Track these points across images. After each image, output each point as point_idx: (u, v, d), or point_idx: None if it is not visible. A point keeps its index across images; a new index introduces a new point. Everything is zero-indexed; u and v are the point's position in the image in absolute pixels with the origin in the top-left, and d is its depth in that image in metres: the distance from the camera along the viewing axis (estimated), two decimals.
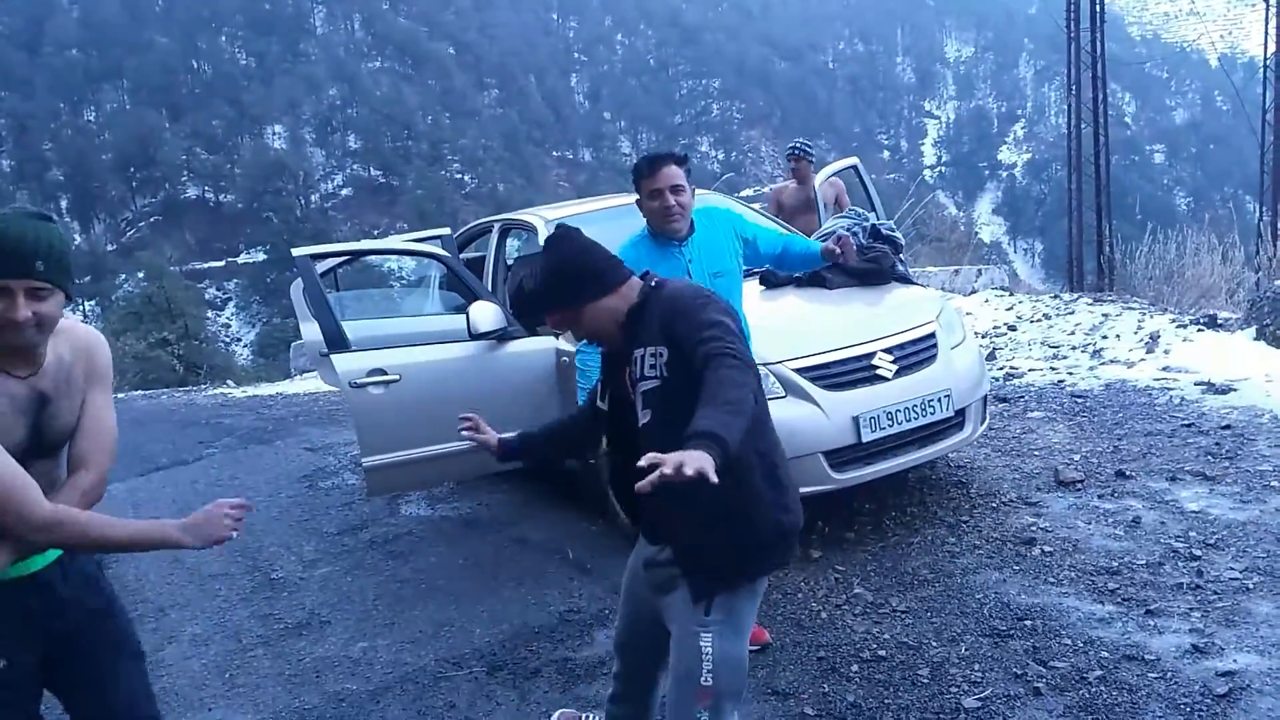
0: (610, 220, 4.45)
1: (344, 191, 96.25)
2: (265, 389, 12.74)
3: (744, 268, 3.59)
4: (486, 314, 4.40)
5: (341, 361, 4.26)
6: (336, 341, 4.30)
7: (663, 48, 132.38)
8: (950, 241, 11.79)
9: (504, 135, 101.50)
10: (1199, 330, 6.84)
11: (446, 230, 5.54)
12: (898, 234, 4.93)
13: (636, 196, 3.34)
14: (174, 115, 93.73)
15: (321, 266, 5.43)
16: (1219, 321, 7.00)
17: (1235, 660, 2.97)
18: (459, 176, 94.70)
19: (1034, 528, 4.08)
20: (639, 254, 3.19)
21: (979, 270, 9.44)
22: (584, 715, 2.94)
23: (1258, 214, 10.93)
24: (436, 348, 4.47)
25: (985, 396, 4.52)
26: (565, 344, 4.34)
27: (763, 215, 5.61)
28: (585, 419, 2.51)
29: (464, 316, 4.46)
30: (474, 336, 4.39)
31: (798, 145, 7.11)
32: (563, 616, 3.84)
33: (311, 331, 5.08)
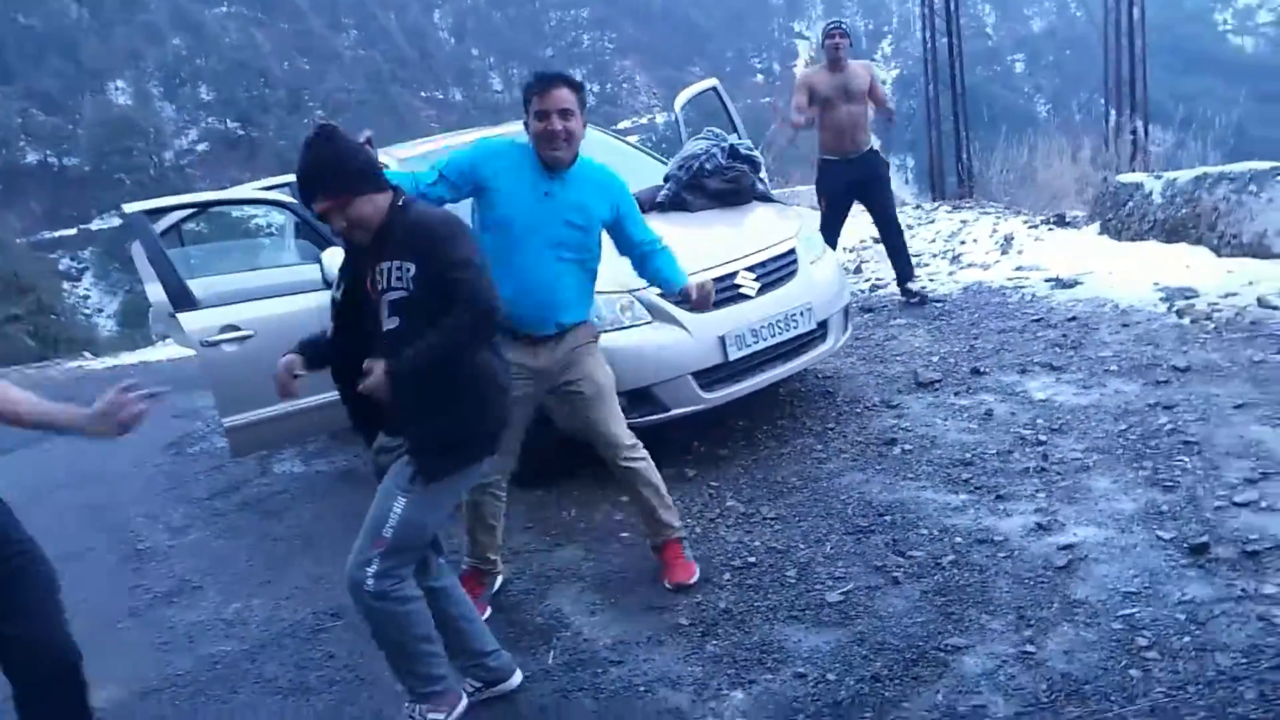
0: None
1: (200, 147, 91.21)
2: (127, 358, 12.17)
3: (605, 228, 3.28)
4: (339, 259, 4.25)
5: (190, 320, 4.08)
6: (182, 300, 4.12)
7: None
8: (815, 161, 11.92)
9: (367, 77, 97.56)
10: (1049, 229, 7.17)
11: (293, 176, 5.31)
12: (756, 154, 4.96)
13: (523, 120, 3.12)
14: (3, 76, 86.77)
15: (163, 224, 5.17)
16: (1067, 220, 7.34)
17: (1075, 534, 3.17)
18: (324, 120, 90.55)
19: (895, 429, 4.25)
20: (505, 160, 3.06)
21: None
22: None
23: (1108, 114, 11.40)
24: (291, 299, 4.32)
25: (846, 308, 4.65)
26: None
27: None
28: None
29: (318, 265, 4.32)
30: (328, 284, 4.25)
31: (835, 23, 6.35)
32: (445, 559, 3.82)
33: (157, 292, 4.84)
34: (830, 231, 6.15)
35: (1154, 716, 2.30)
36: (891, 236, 6.29)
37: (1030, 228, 7.30)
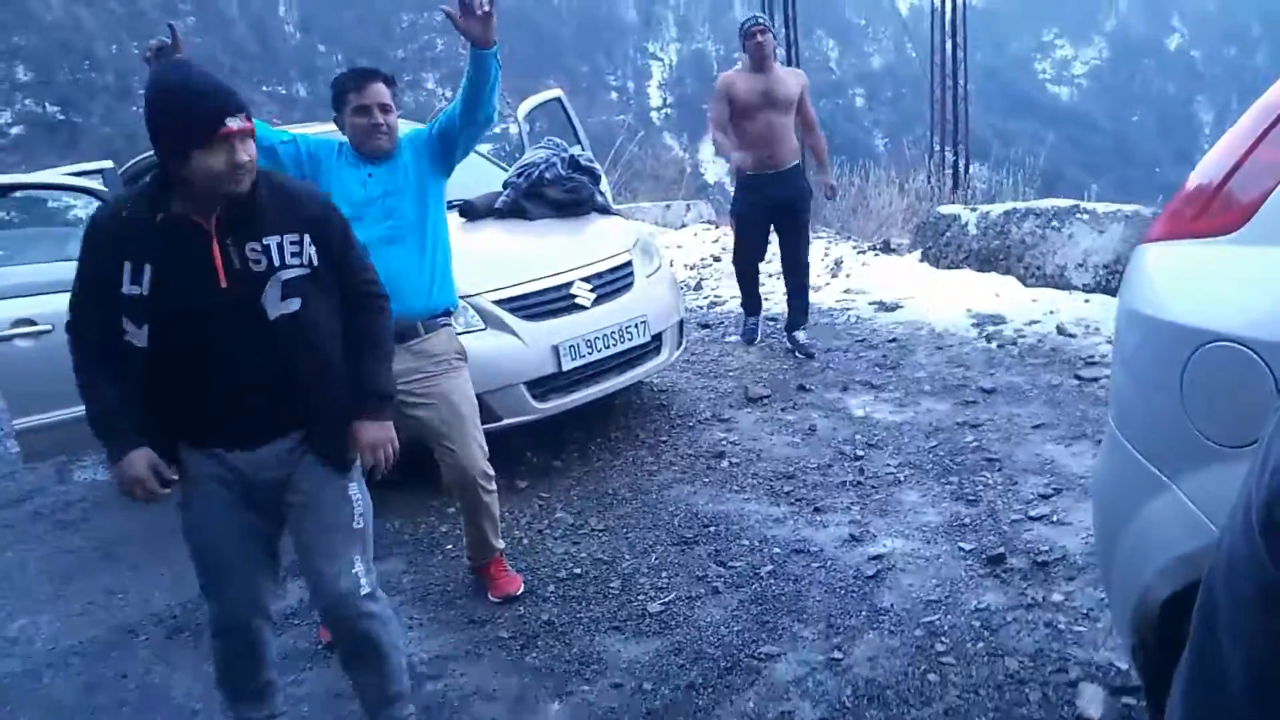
0: None
1: (15, 130, 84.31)
2: None
3: (442, 175, 3.19)
4: None
5: None
6: None
7: None
8: (665, 178, 12.19)
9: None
10: (875, 255, 7.53)
11: (109, 164, 4.99)
12: (596, 165, 5.00)
13: (335, 116, 3.05)
14: None
15: None
16: (892, 247, 7.73)
17: (885, 545, 3.33)
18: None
19: (724, 442, 4.35)
20: (335, 162, 3.00)
21: (688, 205, 9.85)
22: None
23: (933, 150, 12.13)
24: None
25: (681, 322, 4.73)
26: None
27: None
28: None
29: None
30: None
31: (755, 18, 5.45)
32: None
33: None
34: (745, 257, 5.61)
35: (947, 718, 2.43)
36: (794, 275, 5.56)
37: (859, 253, 7.66)
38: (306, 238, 2.06)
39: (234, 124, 1.88)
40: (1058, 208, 6.27)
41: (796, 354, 5.49)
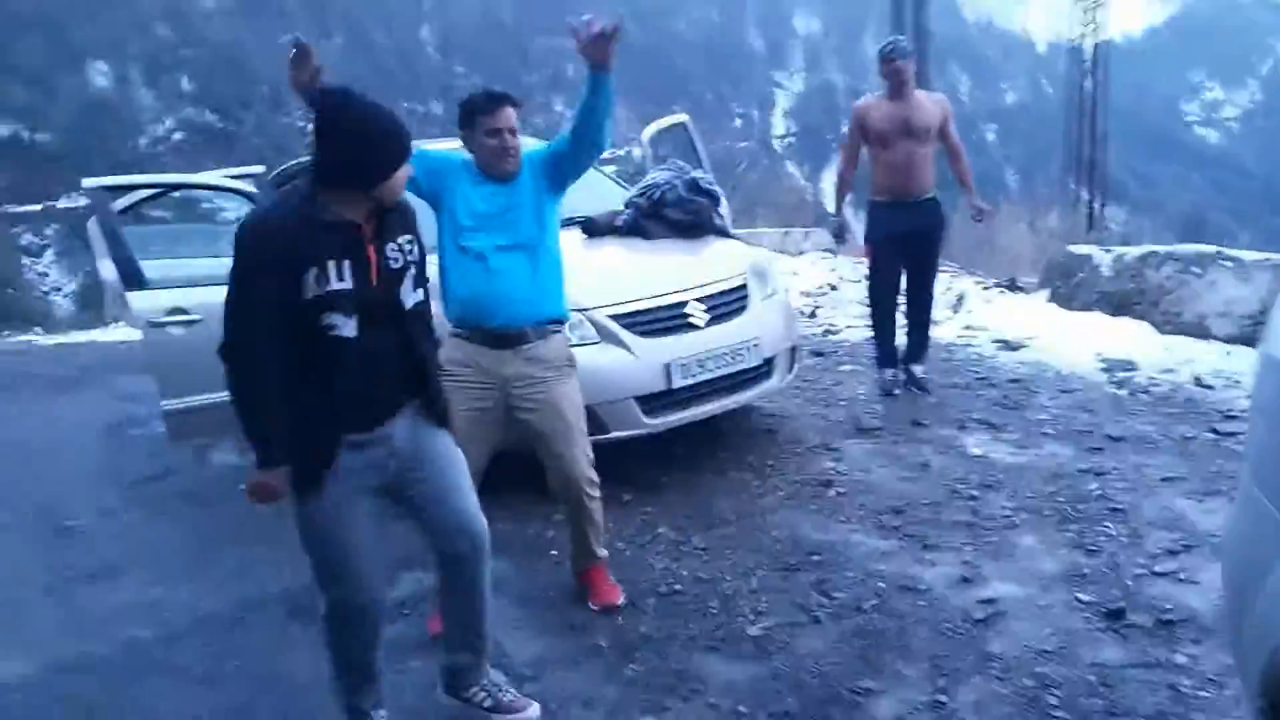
0: None
1: (176, 135, 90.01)
2: (77, 336, 11.96)
3: (557, 194, 3.23)
4: None
5: (138, 300, 4.05)
6: (132, 278, 4.09)
7: (518, 4, 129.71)
8: (785, 205, 12.16)
9: (351, 83, 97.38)
10: (1000, 293, 7.33)
11: (261, 168, 5.32)
12: (717, 188, 5.04)
13: (462, 133, 3.14)
14: None
15: (124, 202, 5.11)
16: (1019, 285, 7.52)
17: (996, 589, 3.23)
18: (302, 124, 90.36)
19: (832, 471, 4.31)
20: (460, 178, 3.10)
21: (807, 232, 9.80)
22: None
23: (1068, 190, 11.74)
24: None
25: (794, 347, 4.72)
26: None
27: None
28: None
29: None
30: None
31: (893, 43, 5.21)
32: None
33: (109, 270, 4.78)
34: (881, 286, 5.38)
35: None
36: (916, 309, 5.39)
37: (983, 289, 7.47)
38: (415, 237, 2.32)
39: (411, 164, 2.24)
40: (1200, 253, 5.99)
41: (911, 388, 5.36)
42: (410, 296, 2.29)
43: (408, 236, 2.29)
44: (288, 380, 2.20)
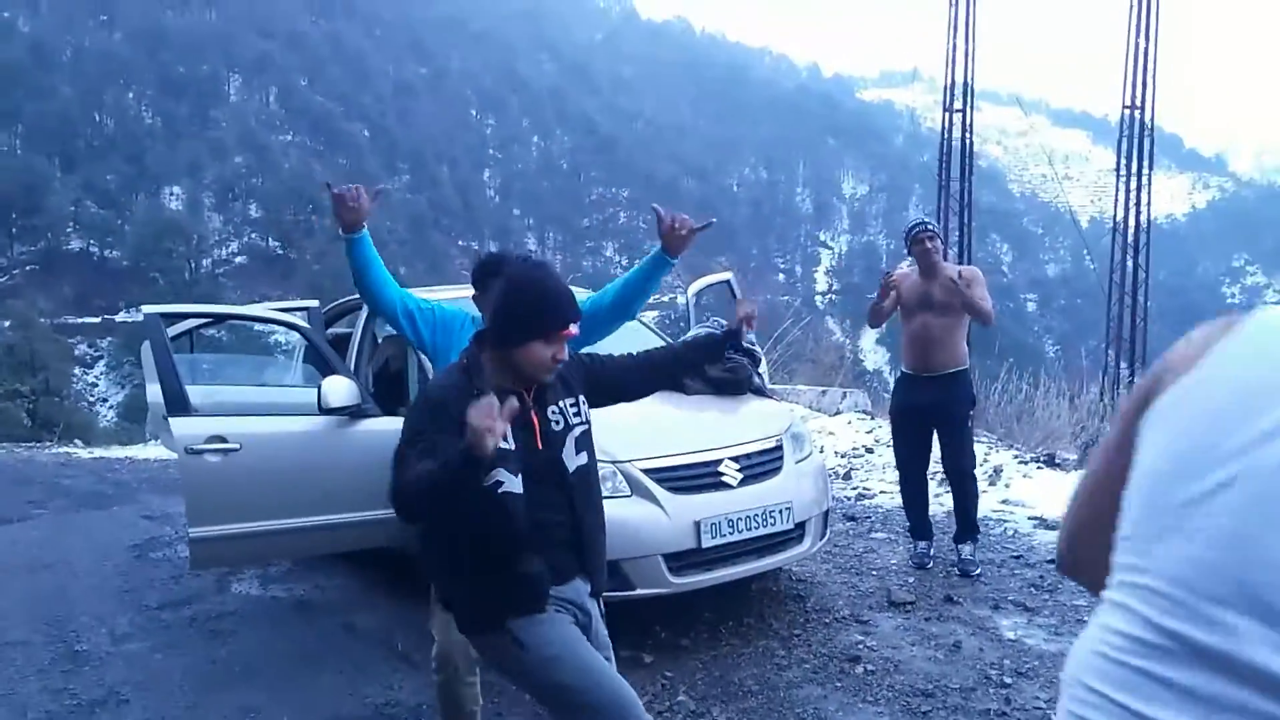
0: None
1: (239, 259, 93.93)
2: (116, 451, 12.11)
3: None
4: (339, 389, 4.32)
5: (180, 425, 4.11)
6: (177, 404, 4.16)
7: (576, 153, 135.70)
8: (824, 363, 12.23)
9: (411, 219, 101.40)
10: (1038, 467, 7.22)
11: (315, 303, 5.49)
12: (757, 348, 5.10)
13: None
14: (67, 165, 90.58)
15: (179, 328, 5.29)
16: (1057, 460, 7.40)
17: None
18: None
19: (861, 645, 4.16)
20: (457, 333, 3.10)
21: (844, 393, 9.81)
22: None
23: (1108, 365, 11.71)
24: (283, 419, 4.37)
25: (826, 512, 4.65)
26: None
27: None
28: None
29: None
30: (324, 411, 4.30)
31: (922, 224, 5.25)
32: (379, 710, 3.69)
33: (156, 393, 4.90)
34: (903, 457, 5.37)
35: None
36: (953, 484, 5.32)
37: (1020, 463, 7.36)
38: (581, 399, 2.37)
39: (573, 328, 2.24)
40: None
41: (956, 567, 5.17)
42: (573, 459, 2.30)
43: (570, 400, 2.34)
44: (459, 547, 2.24)
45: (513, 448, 2.16)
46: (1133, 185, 17.16)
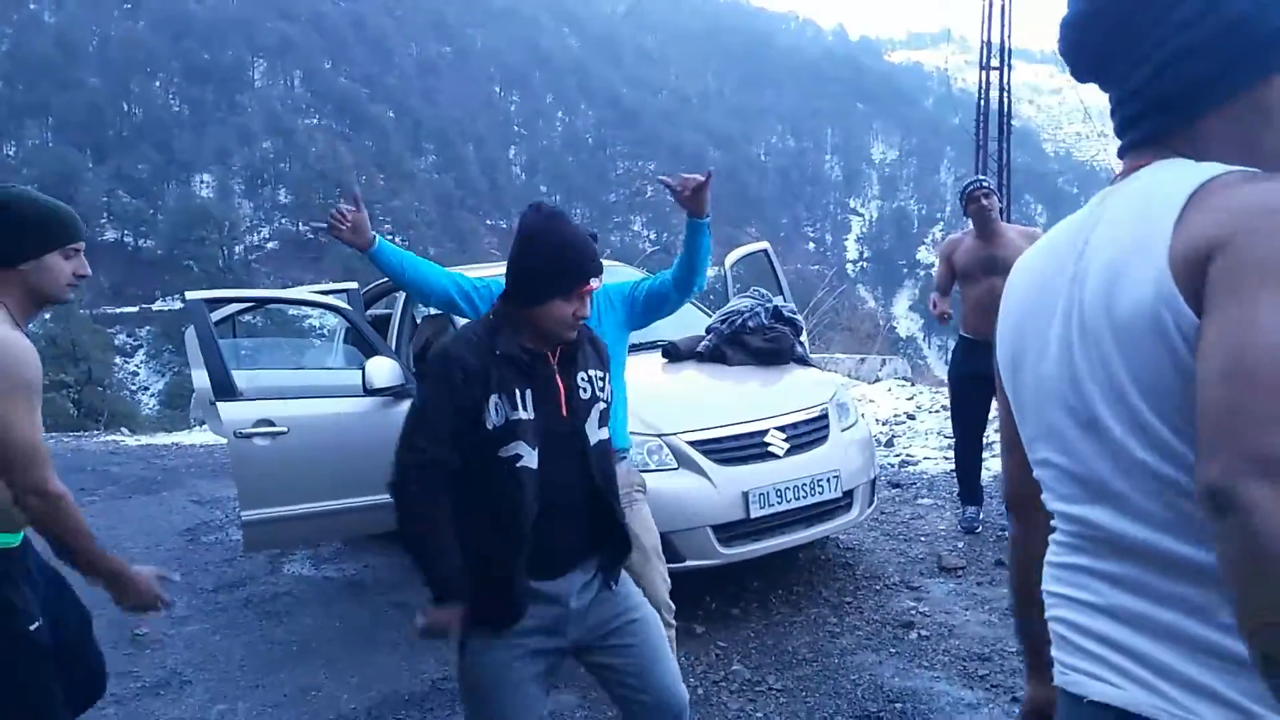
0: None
1: (270, 245, 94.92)
2: (161, 438, 12.30)
3: (632, 329, 3.25)
4: (383, 370, 4.34)
5: (227, 410, 4.14)
6: (224, 389, 4.19)
7: (601, 127, 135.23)
8: (860, 331, 12.11)
9: (438, 199, 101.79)
10: None
11: (354, 285, 5.49)
12: (798, 317, 5.04)
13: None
14: (98, 156, 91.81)
15: (220, 313, 5.33)
16: None
17: None
18: (390, 237, 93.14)
19: (913, 611, 4.13)
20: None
21: (883, 360, 9.70)
22: None
23: None
24: (329, 401, 4.38)
25: (874, 480, 4.60)
26: None
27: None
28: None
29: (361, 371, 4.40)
30: (369, 392, 4.32)
31: (977, 181, 5.05)
32: (435, 685, 3.73)
33: (202, 379, 4.95)
34: (963, 425, 5.19)
35: None
36: None
37: None
38: (605, 375, 2.24)
39: (595, 283, 2.09)
40: None
41: (1005, 531, 5.11)
42: (595, 432, 2.16)
43: (599, 372, 2.22)
44: (465, 519, 2.05)
45: (532, 418, 2.05)
46: None
